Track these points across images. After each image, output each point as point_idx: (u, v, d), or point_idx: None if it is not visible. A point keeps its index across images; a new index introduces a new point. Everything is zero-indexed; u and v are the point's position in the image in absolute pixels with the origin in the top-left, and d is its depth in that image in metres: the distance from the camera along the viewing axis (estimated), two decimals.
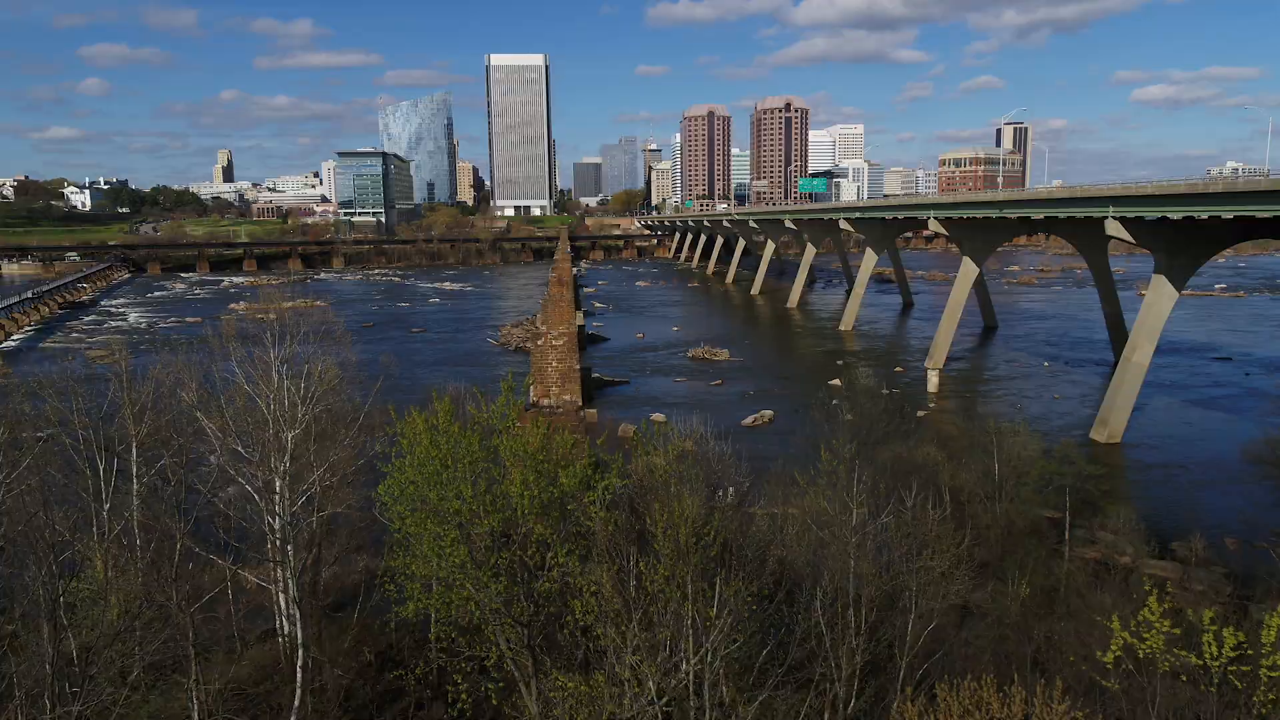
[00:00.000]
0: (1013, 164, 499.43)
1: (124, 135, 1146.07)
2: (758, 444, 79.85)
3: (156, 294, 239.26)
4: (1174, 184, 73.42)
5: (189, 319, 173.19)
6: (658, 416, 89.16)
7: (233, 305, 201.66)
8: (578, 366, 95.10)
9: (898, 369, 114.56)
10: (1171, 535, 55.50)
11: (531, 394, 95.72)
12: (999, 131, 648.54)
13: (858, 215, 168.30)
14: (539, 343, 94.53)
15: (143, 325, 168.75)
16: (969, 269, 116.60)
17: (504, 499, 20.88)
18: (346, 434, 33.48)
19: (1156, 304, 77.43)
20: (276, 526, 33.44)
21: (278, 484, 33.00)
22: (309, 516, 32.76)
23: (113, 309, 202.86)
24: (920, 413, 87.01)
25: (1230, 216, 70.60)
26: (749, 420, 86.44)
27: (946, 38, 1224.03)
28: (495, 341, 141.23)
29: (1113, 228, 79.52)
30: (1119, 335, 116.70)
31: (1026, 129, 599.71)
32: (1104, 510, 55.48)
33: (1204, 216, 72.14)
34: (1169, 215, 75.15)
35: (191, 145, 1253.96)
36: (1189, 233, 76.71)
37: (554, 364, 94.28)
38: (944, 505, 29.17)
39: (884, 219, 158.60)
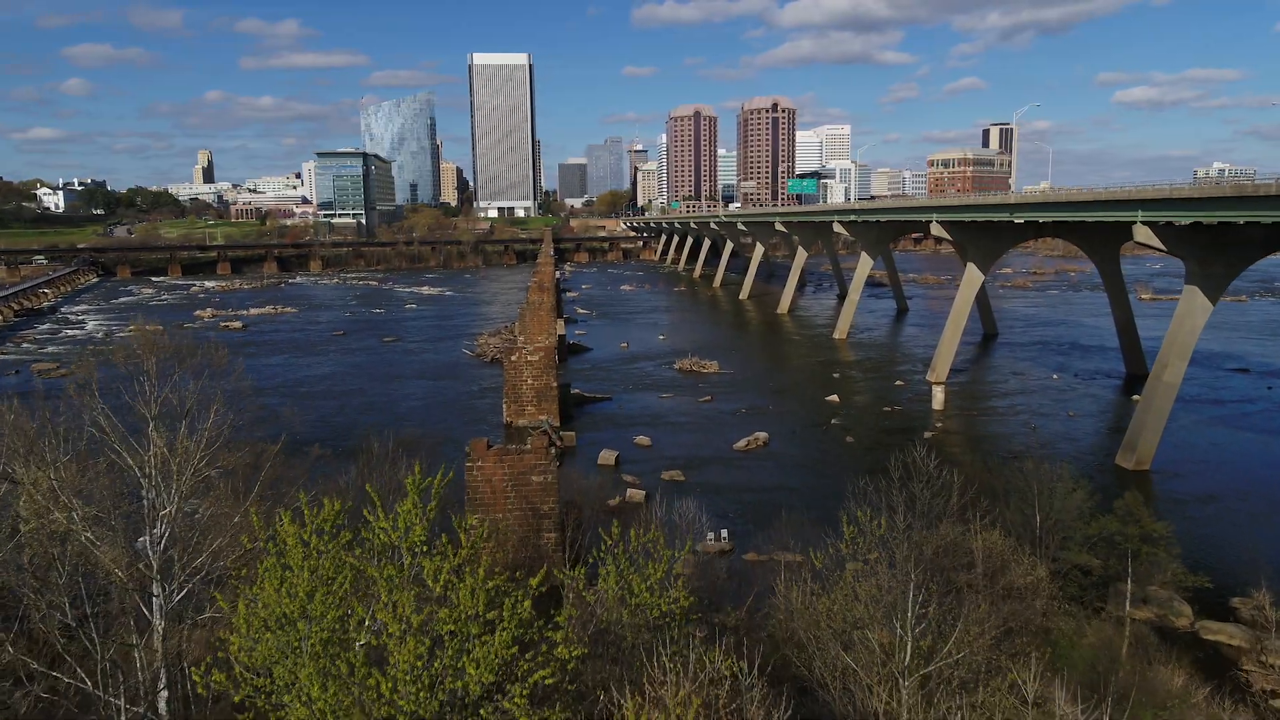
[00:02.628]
0: (999, 164, 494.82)
1: (107, 136, 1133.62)
2: (752, 472, 72.52)
3: (122, 299, 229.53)
4: (1217, 186, 66.57)
5: (148, 327, 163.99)
6: (641, 439, 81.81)
7: (198, 312, 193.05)
8: (555, 384, 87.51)
9: (899, 383, 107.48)
10: (1228, 587, 48.62)
11: (505, 414, 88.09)
12: (985, 132, 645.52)
13: (853, 218, 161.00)
14: (513, 358, 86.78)
15: (100, 334, 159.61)
16: (974, 275, 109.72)
17: (376, 693, 13.53)
18: (235, 515, 25.84)
19: (1189, 317, 70.51)
20: (157, 628, 25.89)
21: (154, 584, 25.39)
22: (186, 622, 25.22)
23: (72, 316, 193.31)
24: (927, 434, 79.90)
25: (1270, 222, 64.01)
26: (741, 444, 79.06)
27: (931, 40, 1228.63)
28: (471, 352, 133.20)
29: (1142, 234, 72.50)
30: (1131, 343, 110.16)
31: (1012, 130, 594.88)
32: (1148, 558, 48.22)
33: (1242, 222, 65.57)
34: (1203, 220, 68.35)
35: (175, 146, 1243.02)
36: (1223, 239, 70.01)
37: (529, 381, 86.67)
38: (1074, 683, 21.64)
39: (879, 222, 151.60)
